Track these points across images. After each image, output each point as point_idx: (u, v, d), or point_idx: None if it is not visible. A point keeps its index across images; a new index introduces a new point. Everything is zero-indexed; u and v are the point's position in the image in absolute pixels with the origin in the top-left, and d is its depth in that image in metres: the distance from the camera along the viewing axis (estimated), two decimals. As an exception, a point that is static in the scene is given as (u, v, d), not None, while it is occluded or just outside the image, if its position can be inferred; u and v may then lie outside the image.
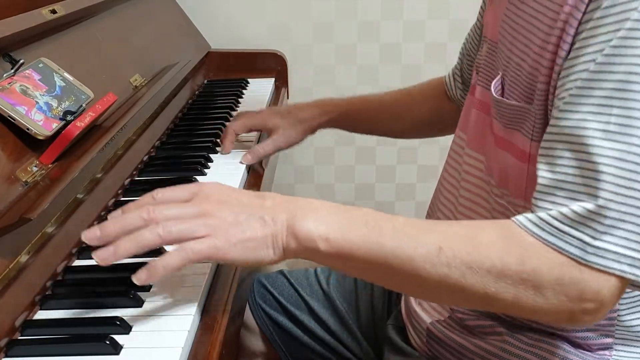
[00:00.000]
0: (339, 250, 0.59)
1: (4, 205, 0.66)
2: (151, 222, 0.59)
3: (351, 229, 0.59)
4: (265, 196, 0.63)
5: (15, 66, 0.79)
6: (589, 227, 0.54)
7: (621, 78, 0.53)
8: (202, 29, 1.58)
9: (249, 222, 0.60)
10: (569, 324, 0.65)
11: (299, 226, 0.59)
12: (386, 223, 0.59)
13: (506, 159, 0.68)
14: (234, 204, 0.61)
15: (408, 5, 1.64)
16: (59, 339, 0.61)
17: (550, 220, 0.56)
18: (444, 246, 0.57)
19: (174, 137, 1.14)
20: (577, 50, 0.56)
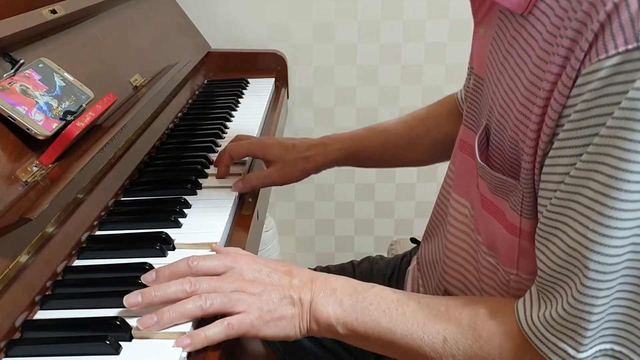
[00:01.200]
0: (355, 333, 0.65)
1: (4, 205, 0.66)
2: (193, 294, 0.63)
3: (365, 313, 0.64)
4: (293, 273, 0.68)
5: (15, 66, 0.79)
6: (570, 337, 0.55)
7: (598, 189, 0.50)
8: (202, 29, 1.58)
9: (281, 302, 0.65)
10: None
11: (319, 311, 0.65)
12: (397, 307, 0.64)
13: (494, 226, 0.66)
14: (267, 282, 0.66)
15: (408, 5, 1.64)
16: (59, 339, 0.61)
17: (539, 325, 0.57)
18: (448, 337, 0.61)
19: (174, 137, 1.14)
20: (562, 141, 0.52)
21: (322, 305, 0.65)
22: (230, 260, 0.67)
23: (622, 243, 0.50)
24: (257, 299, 0.64)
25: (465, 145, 0.73)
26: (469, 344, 0.60)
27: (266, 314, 0.64)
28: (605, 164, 0.49)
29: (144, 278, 0.66)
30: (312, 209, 1.86)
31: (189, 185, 0.91)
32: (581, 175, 0.51)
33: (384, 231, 1.88)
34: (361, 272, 1.03)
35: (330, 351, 0.98)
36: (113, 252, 0.75)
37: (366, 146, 0.99)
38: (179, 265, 0.66)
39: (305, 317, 0.65)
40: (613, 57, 0.47)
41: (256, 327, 0.63)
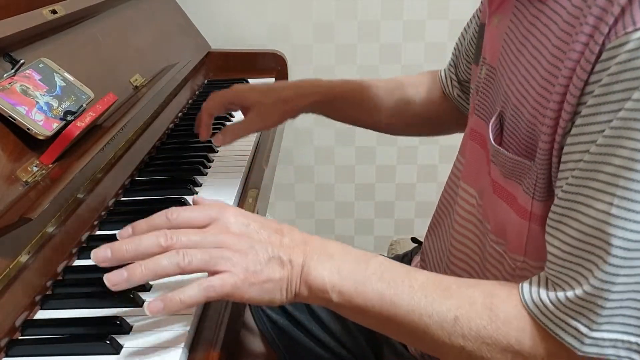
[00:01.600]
0: (352, 303, 0.58)
1: (4, 205, 0.66)
2: (169, 249, 0.57)
3: (365, 282, 0.58)
4: (284, 232, 0.61)
5: (15, 66, 0.79)
6: (585, 316, 0.52)
7: (621, 164, 0.48)
8: (202, 29, 1.58)
9: (269, 262, 0.58)
10: None
11: (313, 275, 0.58)
12: (403, 281, 0.58)
13: (504, 210, 0.64)
14: (255, 238, 0.59)
15: (408, 5, 1.64)
16: (59, 339, 0.61)
17: (549, 305, 0.54)
18: (460, 316, 0.56)
19: (174, 137, 1.14)
20: (585, 117, 0.51)
21: (315, 270, 0.58)
22: (215, 211, 0.60)
23: None
24: (242, 256, 0.57)
25: (476, 135, 0.73)
26: (483, 325, 0.55)
27: (252, 275, 0.57)
28: (630, 138, 0.47)
29: (119, 234, 0.59)
30: (312, 209, 1.86)
31: (189, 185, 0.92)
32: (602, 152, 0.49)
33: (384, 231, 1.89)
34: None
35: (331, 350, 0.98)
36: (113, 252, 0.75)
37: (343, 96, 0.96)
38: (157, 218, 0.59)
39: (295, 281, 0.58)
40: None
41: (240, 289, 0.56)
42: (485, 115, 0.71)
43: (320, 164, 1.80)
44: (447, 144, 1.74)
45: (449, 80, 0.98)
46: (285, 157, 1.74)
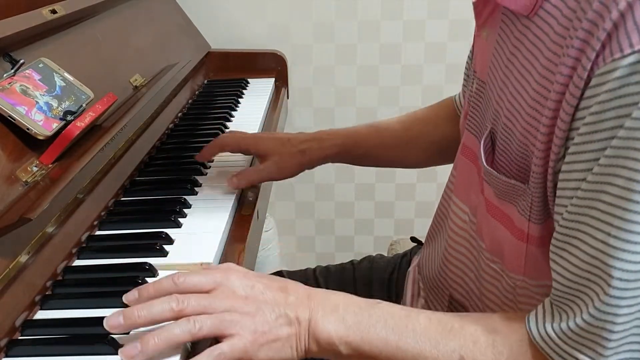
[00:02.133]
0: (360, 353, 0.59)
1: (4, 205, 0.66)
2: (180, 313, 0.58)
3: (370, 330, 0.59)
4: (288, 289, 0.62)
5: (15, 66, 0.79)
6: (590, 348, 0.52)
7: (618, 193, 0.48)
8: (202, 29, 1.58)
9: (276, 321, 0.59)
10: None
11: (320, 330, 0.59)
12: (407, 324, 0.59)
13: (500, 231, 0.64)
14: (261, 299, 0.60)
15: (408, 5, 1.64)
16: (59, 339, 0.61)
17: (555, 337, 0.54)
18: (466, 356, 0.57)
19: (174, 137, 1.14)
20: (578, 145, 0.51)
21: (322, 324, 0.59)
22: (219, 276, 0.61)
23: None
24: (250, 319, 0.58)
25: (467, 150, 0.72)
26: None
27: (260, 336, 0.58)
28: (625, 167, 0.47)
29: (125, 298, 0.60)
30: (312, 209, 1.86)
31: (189, 185, 0.91)
32: (599, 180, 0.49)
33: (384, 231, 1.89)
34: (361, 271, 1.03)
35: None
36: (113, 252, 0.76)
37: (362, 144, 0.96)
38: (163, 282, 0.60)
39: (304, 337, 0.60)
40: (629, 56, 0.46)
41: (250, 352, 0.58)
42: (476, 131, 0.70)
43: (320, 164, 1.79)
44: (447, 144, 1.74)
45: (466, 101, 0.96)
46: (285, 157, 1.74)
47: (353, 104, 1.74)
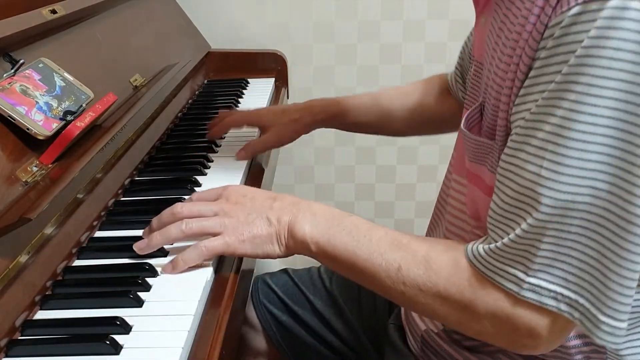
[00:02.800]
0: (325, 253, 0.68)
1: (4, 205, 0.66)
2: (178, 217, 0.71)
3: (336, 236, 0.68)
4: (276, 198, 0.72)
5: (15, 66, 0.79)
6: (519, 262, 0.57)
7: (557, 122, 0.53)
8: (202, 29, 1.58)
9: (257, 221, 0.70)
10: (515, 350, 0.66)
11: (296, 229, 0.69)
12: (365, 234, 0.67)
13: (475, 193, 0.69)
14: (248, 205, 0.72)
15: (408, 5, 1.64)
16: (59, 339, 0.61)
17: (484, 254, 0.60)
18: (402, 266, 0.64)
19: (174, 137, 1.14)
20: (525, 88, 0.57)
21: (299, 224, 0.69)
22: (221, 189, 0.75)
23: (577, 182, 0.53)
24: (234, 220, 0.70)
25: None
26: (419, 274, 0.63)
27: (241, 234, 0.69)
28: (559, 107, 0.53)
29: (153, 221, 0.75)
30: (312, 209, 1.86)
31: (189, 185, 0.92)
32: (537, 119, 0.55)
33: (384, 231, 1.88)
34: None
35: (333, 347, 0.98)
36: (113, 252, 0.75)
37: (349, 112, 1.07)
38: (176, 204, 0.74)
39: (283, 235, 0.69)
40: (573, 7, 0.52)
41: (231, 246, 0.69)
42: None
43: (320, 164, 1.80)
44: (447, 144, 1.74)
45: (455, 84, 1.01)
46: (285, 158, 1.74)
47: (353, 104, 1.74)
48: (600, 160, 0.52)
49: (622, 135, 0.51)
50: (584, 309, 0.56)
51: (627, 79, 0.50)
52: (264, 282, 1.04)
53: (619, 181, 0.52)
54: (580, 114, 0.52)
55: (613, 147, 0.52)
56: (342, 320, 0.98)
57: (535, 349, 0.60)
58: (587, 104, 0.51)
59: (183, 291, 0.68)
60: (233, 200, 0.73)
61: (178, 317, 0.63)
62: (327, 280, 1.02)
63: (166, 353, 0.59)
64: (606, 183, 0.52)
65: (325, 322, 0.99)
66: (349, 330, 0.98)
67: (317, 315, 0.99)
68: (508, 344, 0.62)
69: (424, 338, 0.80)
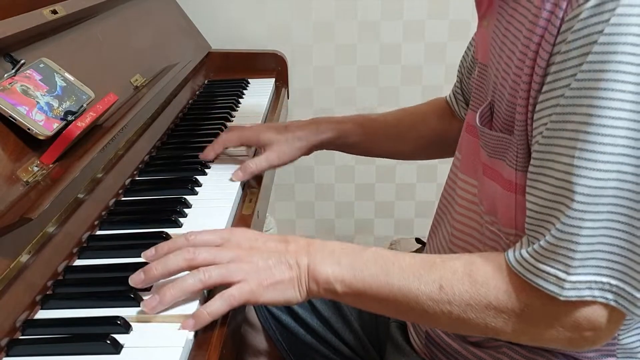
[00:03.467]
0: (353, 290, 0.65)
1: (5, 205, 0.67)
2: (192, 262, 0.65)
3: (363, 269, 0.65)
4: (288, 240, 0.69)
5: (16, 66, 0.79)
6: (560, 262, 0.57)
7: (585, 112, 0.55)
8: (203, 29, 1.58)
9: (277, 266, 0.66)
10: (571, 349, 0.67)
11: (318, 271, 0.66)
12: (393, 262, 0.65)
13: (493, 188, 0.69)
14: (263, 249, 0.68)
15: (408, 5, 1.64)
16: (60, 339, 0.61)
17: (528, 257, 0.59)
18: (444, 285, 0.62)
19: (174, 137, 1.14)
20: (549, 84, 0.58)
21: (320, 266, 0.66)
22: (226, 233, 0.70)
23: (607, 168, 0.54)
24: (254, 266, 0.65)
25: (471, 128, 0.76)
26: (465, 289, 0.61)
27: (264, 280, 0.65)
28: (587, 96, 0.54)
29: (144, 255, 0.68)
30: (312, 209, 1.86)
31: (189, 185, 0.92)
32: (565, 112, 0.56)
33: (384, 231, 1.89)
34: None
35: (333, 347, 0.98)
36: (114, 252, 0.76)
37: (355, 133, 1.02)
38: (178, 240, 0.68)
39: (304, 279, 0.66)
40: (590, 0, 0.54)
41: (256, 293, 0.65)
42: (478, 108, 0.74)
43: (320, 164, 1.80)
44: (447, 144, 1.74)
45: (456, 102, 0.99)
46: (285, 157, 1.74)
47: (353, 104, 1.74)
48: (626, 144, 0.54)
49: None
50: (618, 290, 0.57)
51: None
52: None
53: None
54: (608, 100, 0.53)
55: (634, 130, 0.53)
56: (342, 320, 0.99)
57: (597, 342, 0.60)
58: (614, 89, 0.53)
59: (183, 291, 0.68)
60: (246, 245, 0.68)
61: (179, 316, 0.63)
62: None
63: (166, 353, 0.59)
64: (631, 166, 0.54)
65: (325, 322, 0.99)
66: (350, 330, 0.98)
67: (318, 315, 0.99)
68: (569, 343, 0.61)
69: (429, 334, 0.80)
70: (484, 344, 0.74)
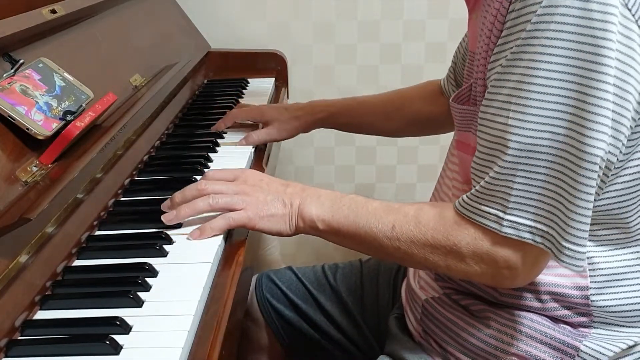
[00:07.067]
0: (331, 228, 0.77)
1: (4, 205, 0.66)
2: (204, 193, 0.78)
3: (339, 211, 0.77)
4: (288, 184, 0.82)
5: (15, 66, 0.79)
6: (496, 202, 0.66)
7: (518, 78, 0.64)
8: (202, 29, 1.58)
9: (273, 202, 0.78)
10: (496, 286, 0.76)
11: (305, 211, 0.78)
12: (363, 206, 0.76)
13: (465, 159, 0.78)
14: (265, 188, 0.80)
15: (408, 5, 1.64)
16: (59, 339, 0.61)
17: (468, 200, 0.69)
18: (396, 225, 0.73)
19: (174, 137, 1.14)
20: (497, 48, 0.67)
21: (307, 207, 0.78)
22: (239, 170, 0.84)
23: (538, 127, 0.63)
24: (254, 199, 0.78)
25: None
26: (410, 229, 0.72)
27: (261, 211, 0.78)
28: (520, 65, 0.64)
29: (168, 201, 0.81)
30: (312, 209, 1.86)
31: (189, 185, 0.91)
32: (503, 77, 0.65)
33: (384, 231, 1.88)
34: (368, 268, 1.06)
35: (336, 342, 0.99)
36: (113, 252, 0.76)
37: (348, 112, 1.16)
38: (199, 181, 0.82)
39: (294, 216, 0.78)
40: None
41: (253, 220, 0.77)
42: None
43: (320, 164, 1.80)
44: (447, 144, 1.73)
45: (447, 85, 1.07)
46: (285, 157, 1.74)
47: (353, 104, 1.74)
48: (556, 108, 0.62)
49: (574, 87, 0.62)
50: (551, 238, 0.65)
51: (575, 39, 0.61)
52: (268, 278, 1.05)
53: (573, 125, 0.62)
54: (537, 70, 0.63)
55: (567, 97, 0.62)
56: (345, 315, 1.00)
57: (515, 281, 0.69)
58: (542, 61, 0.62)
59: (183, 291, 0.68)
60: (251, 182, 0.81)
61: (178, 317, 0.63)
62: (331, 276, 1.04)
63: (166, 353, 0.59)
64: (563, 128, 0.62)
65: (328, 317, 1.00)
66: (353, 326, 0.99)
67: (321, 310, 1.00)
68: (492, 280, 0.70)
69: (425, 307, 0.83)
70: (469, 309, 0.79)
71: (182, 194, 0.80)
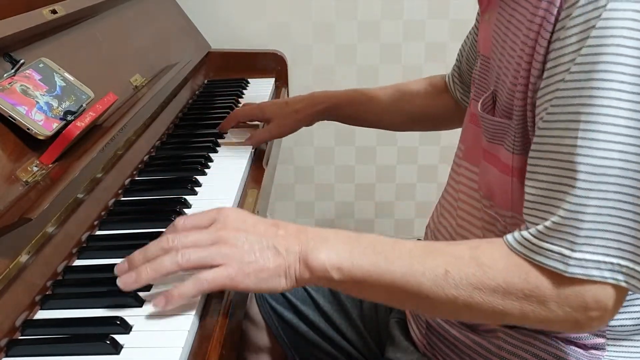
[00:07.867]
0: (351, 277, 0.62)
1: (5, 205, 0.66)
2: (171, 251, 0.62)
3: (361, 256, 0.62)
4: (279, 225, 0.66)
5: (15, 66, 0.79)
6: (564, 240, 0.57)
7: (586, 94, 0.56)
8: (202, 29, 1.58)
9: (263, 252, 0.63)
10: (577, 331, 0.67)
11: (312, 258, 0.62)
12: (394, 248, 0.63)
13: (491, 171, 0.71)
14: (250, 232, 0.64)
15: (408, 5, 1.64)
16: (59, 339, 0.61)
17: (530, 237, 0.59)
18: (450, 269, 0.60)
19: (174, 137, 1.14)
20: (549, 70, 0.59)
21: (313, 254, 0.62)
22: (215, 212, 0.66)
23: (610, 147, 0.55)
24: (237, 250, 0.62)
25: (475, 118, 0.77)
26: (472, 272, 0.60)
27: (246, 266, 0.62)
28: (587, 79, 0.56)
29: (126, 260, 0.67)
30: (312, 209, 1.86)
31: (189, 185, 0.92)
32: (566, 95, 0.57)
33: (384, 231, 1.89)
34: None
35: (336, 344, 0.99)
36: (113, 252, 0.75)
37: (347, 105, 1.12)
38: (168, 228, 0.67)
39: (294, 267, 0.63)
40: None
41: (235, 280, 0.61)
42: (480, 97, 0.76)
43: (320, 164, 1.80)
44: (447, 144, 1.74)
45: (452, 84, 1.06)
46: (285, 157, 1.74)
47: (353, 104, 1.74)
48: (627, 124, 0.55)
49: None
50: (629, 270, 0.57)
51: None
52: None
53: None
54: (608, 82, 0.55)
55: (637, 111, 0.54)
56: (344, 316, 0.99)
57: (602, 322, 0.60)
58: (613, 71, 0.54)
59: (183, 291, 0.68)
60: (232, 226, 0.64)
61: (178, 316, 0.63)
62: None
63: (166, 353, 0.59)
64: (633, 146, 0.55)
65: (327, 319, 0.99)
66: (352, 328, 0.99)
67: (320, 311, 1.00)
68: (575, 324, 0.60)
69: (429, 324, 0.80)
70: (477, 328, 0.75)
71: (143, 252, 0.64)
